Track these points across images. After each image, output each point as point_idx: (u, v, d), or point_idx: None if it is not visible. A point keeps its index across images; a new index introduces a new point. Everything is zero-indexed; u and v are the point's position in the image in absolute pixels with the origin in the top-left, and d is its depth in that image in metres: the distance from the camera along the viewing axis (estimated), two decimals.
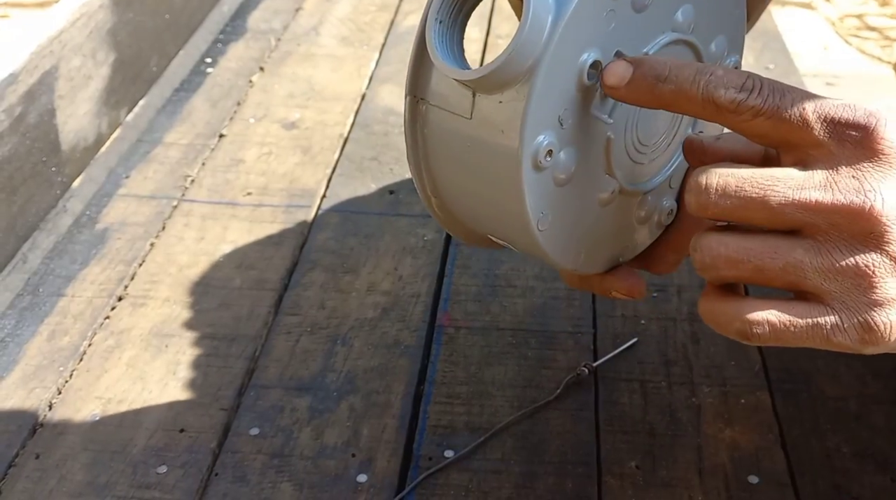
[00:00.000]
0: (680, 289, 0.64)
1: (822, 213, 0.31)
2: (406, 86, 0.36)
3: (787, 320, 0.32)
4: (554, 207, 0.35)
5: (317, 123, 0.84)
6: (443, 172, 0.37)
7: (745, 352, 0.58)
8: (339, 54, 0.97)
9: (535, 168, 0.33)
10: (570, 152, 0.34)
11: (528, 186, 0.34)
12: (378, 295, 0.64)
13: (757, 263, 0.32)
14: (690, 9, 0.36)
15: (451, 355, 0.58)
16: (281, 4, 1.08)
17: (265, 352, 0.59)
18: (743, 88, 0.31)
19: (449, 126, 0.35)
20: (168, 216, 0.72)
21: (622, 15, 0.34)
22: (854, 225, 0.31)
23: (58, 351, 0.58)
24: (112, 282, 0.64)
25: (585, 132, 0.35)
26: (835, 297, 0.31)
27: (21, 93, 0.65)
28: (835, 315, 0.31)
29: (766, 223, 0.32)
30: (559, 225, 0.36)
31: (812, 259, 0.31)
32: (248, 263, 0.67)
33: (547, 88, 0.32)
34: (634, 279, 0.39)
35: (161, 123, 0.84)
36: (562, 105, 0.33)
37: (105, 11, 0.77)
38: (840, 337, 0.31)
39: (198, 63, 0.94)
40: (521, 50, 0.31)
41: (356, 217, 0.72)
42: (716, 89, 0.32)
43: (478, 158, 0.35)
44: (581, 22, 0.32)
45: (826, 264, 0.31)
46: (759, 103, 0.31)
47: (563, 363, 0.57)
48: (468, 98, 0.34)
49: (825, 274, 0.31)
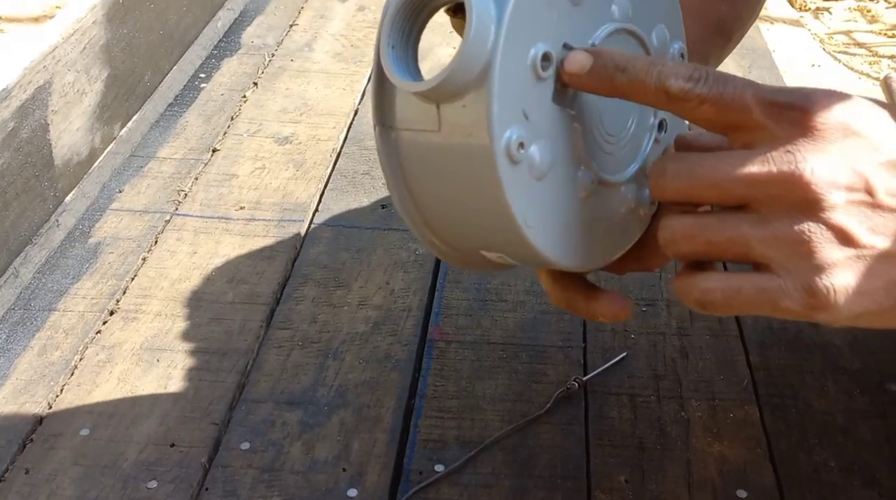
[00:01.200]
0: (669, 304, 0.64)
1: (760, 185, 0.33)
2: (373, 117, 0.37)
3: (736, 286, 0.34)
4: (537, 202, 0.36)
5: (310, 137, 0.85)
6: (425, 194, 0.38)
7: (734, 366, 0.59)
8: (332, 70, 0.97)
9: (511, 161, 0.35)
10: (542, 145, 0.36)
11: (506, 181, 0.35)
12: (370, 309, 0.64)
13: (707, 237, 0.34)
14: (625, 1, 0.38)
15: (442, 369, 0.59)
16: (275, 21, 1.08)
17: (256, 366, 0.59)
18: (691, 78, 0.34)
19: (421, 144, 0.36)
20: (161, 231, 0.72)
21: (561, 8, 0.35)
22: (790, 195, 0.32)
23: (49, 366, 0.59)
24: (104, 296, 0.65)
25: (553, 124, 0.36)
26: (779, 264, 0.33)
27: (14, 108, 0.65)
28: (780, 281, 0.33)
29: (717, 201, 0.34)
30: (546, 220, 0.37)
31: (755, 230, 0.33)
32: (241, 277, 0.67)
33: (504, 84, 0.34)
34: (620, 303, 0.40)
35: (154, 137, 0.84)
36: (523, 99, 0.35)
37: (99, 27, 0.78)
38: (787, 302, 0.33)
39: (192, 78, 0.94)
40: (471, 53, 0.33)
41: (348, 231, 0.72)
42: (667, 79, 0.34)
43: (455, 168, 0.36)
44: (523, 18, 0.34)
45: (768, 234, 0.33)
46: (705, 91, 0.33)
47: (554, 377, 0.58)
48: (433, 112, 0.35)
49: (768, 243, 0.33)
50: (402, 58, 0.35)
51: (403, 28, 0.35)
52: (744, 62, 0.98)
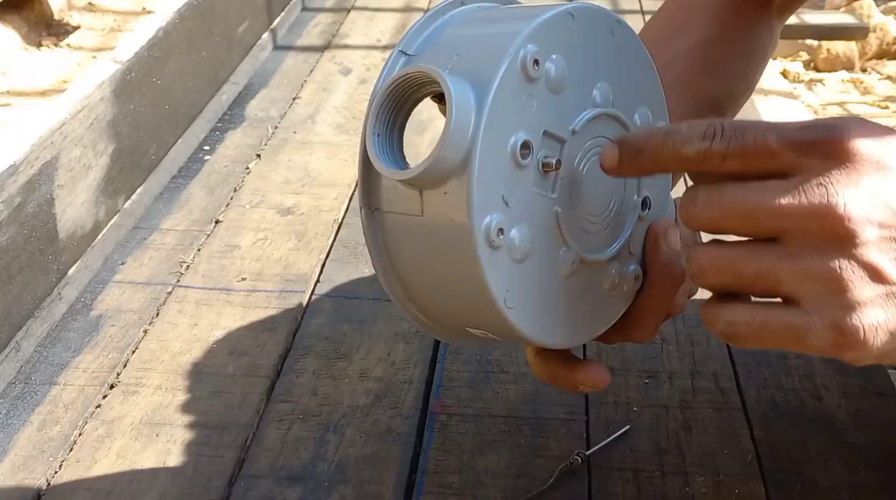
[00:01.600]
0: (671, 375, 0.64)
1: (792, 218, 0.32)
2: (359, 200, 0.38)
3: (762, 321, 0.33)
4: (517, 283, 0.37)
5: (312, 208, 0.86)
6: (410, 273, 0.39)
7: (738, 440, 0.58)
8: (335, 141, 0.99)
9: (490, 247, 0.35)
10: (522, 228, 0.37)
11: (486, 265, 0.35)
12: (370, 381, 0.64)
13: (735, 269, 0.34)
14: (606, 86, 0.39)
15: (444, 443, 0.58)
16: (278, 94, 1.11)
17: (257, 441, 0.58)
18: (705, 136, 0.33)
19: (405, 227, 0.37)
20: (162, 303, 0.72)
21: (541, 98, 0.36)
22: (822, 229, 0.32)
23: (48, 441, 0.58)
24: (104, 370, 0.65)
25: (533, 209, 0.37)
26: (809, 300, 0.32)
27: (21, 183, 0.66)
28: (808, 317, 0.32)
29: (747, 232, 0.34)
30: (527, 301, 0.37)
31: (784, 264, 0.32)
32: (242, 349, 0.67)
33: (484, 172, 0.35)
34: (599, 371, 0.40)
35: (158, 210, 0.85)
36: (503, 186, 0.36)
37: (106, 104, 0.79)
38: (813, 339, 0.32)
39: (196, 151, 0.96)
40: (451, 142, 0.34)
41: (350, 302, 0.73)
42: (682, 147, 0.34)
43: (437, 251, 0.37)
44: (503, 108, 0.35)
45: (797, 269, 0.32)
46: (724, 147, 0.33)
47: (556, 451, 0.57)
48: (416, 197, 0.36)
49: (798, 279, 0.32)
50: (387, 145, 0.36)
51: (388, 118, 0.36)
52: None
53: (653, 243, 0.41)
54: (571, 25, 0.37)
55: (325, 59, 1.21)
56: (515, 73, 0.35)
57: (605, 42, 0.39)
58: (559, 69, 0.37)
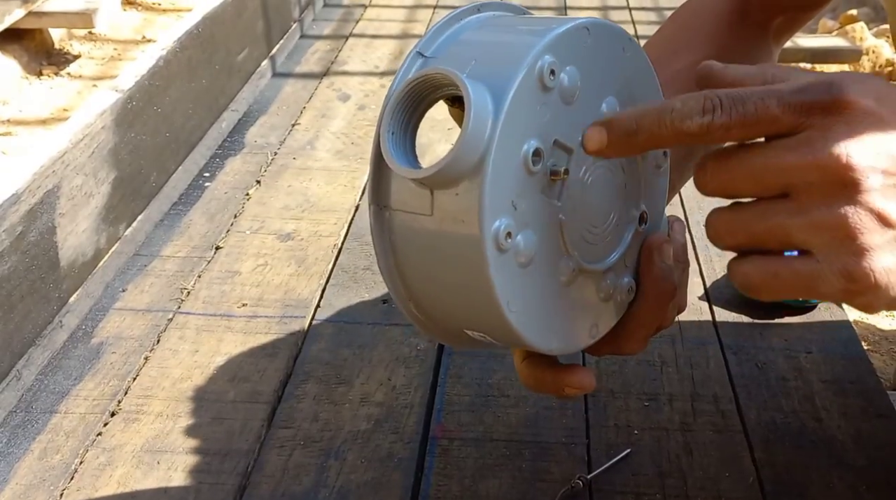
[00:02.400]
0: (671, 398, 0.64)
1: (796, 173, 0.33)
2: (368, 196, 0.39)
3: (775, 270, 0.34)
4: (520, 288, 0.37)
5: (311, 234, 0.86)
6: (414, 272, 0.39)
7: (739, 463, 0.58)
8: (334, 167, 1.00)
9: (498, 250, 0.36)
10: (528, 235, 0.37)
11: (493, 269, 0.36)
12: (371, 406, 0.64)
13: (748, 229, 0.34)
14: (614, 101, 0.40)
15: (445, 467, 0.58)
16: (278, 120, 1.12)
17: (258, 467, 0.58)
18: (705, 110, 0.34)
19: (413, 226, 0.38)
20: (163, 329, 0.72)
21: (554, 108, 0.37)
22: (827, 181, 0.33)
23: (49, 470, 0.58)
24: (105, 397, 0.65)
25: (539, 215, 0.38)
26: (819, 249, 0.33)
27: (23, 212, 0.67)
28: (818, 265, 0.33)
29: (756, 193, 0.35)
30: (528, 306, 0.38)
31: (793, 219, 0.33)
32: (243, 375, 0.67)
33: (497, 176, 0.35)
34: (585, 373, 0.41)
35: (159, 236, 0.85)
36: (513, 191, 0.36)
37: (108, 132, 0.80)
38: (824, 286, 0.33)
39: (196, 177, 0.97)
40: (467, 145, 0.35)
41: (350, 327, 0.73)
42: (682, 123, 0.34)
43: (444, 251, 0.37)
44: (518, 116, 0.36)
45: (806, 222, 0.33)
46: (726, 119, 0.34)
47: (558, 475, 0.57)
48: (427, 197, 0.37)
49: (807, 230, 0.33)
50: (401, 144, 0.37)
51: (403, 117, 0.37)
52: None
53: (647, 257, 0.42)
54: (587, 39, 0.38)
55: (323, 86, 1.22)
56: (532, 82, 0.36)
57: (617, 58, 0.40)
58: (573, 81, 0.37)
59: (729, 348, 0.69)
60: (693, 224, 0.85)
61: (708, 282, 0.77)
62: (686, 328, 0.71)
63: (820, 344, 0.70)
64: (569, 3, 1.64)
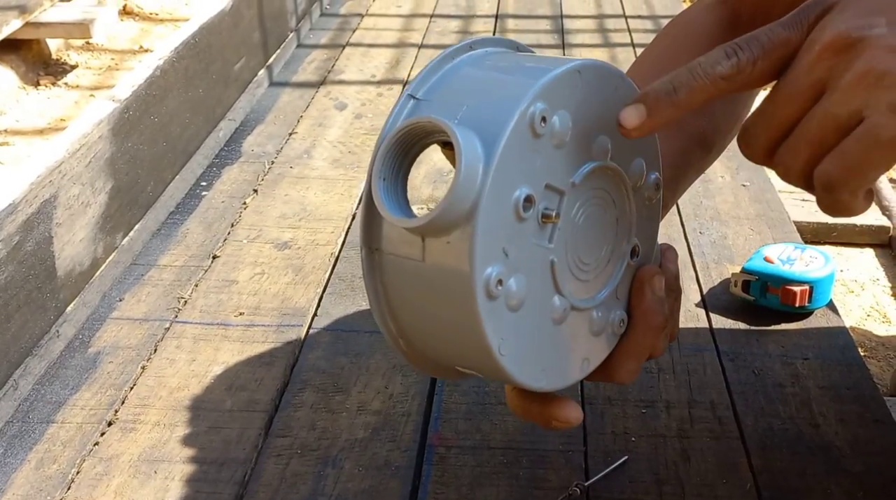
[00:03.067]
0: (668, 405, 0.64)
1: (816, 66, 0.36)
2: (360, 239, 0.39)
3: (840, 149, 0.35)
4: (511, 331, 0.37)
5: (308, 242, 0.86)
6: (404, 313, 0.39)
7: (736, 469, 0.58)
8: (331, 176, 1.00)
9: (489, 297, 0.36)
10: (519, 279, 0.37)
11: (484, 316, 0.36)
12: (369, 415, 0.64)
13: (806, 139, 0.36)
14: (606, 139, 0.40)
15: (443, 475, 0.58)
16: (275, 129, 1.12)
17: (255, 476, 0.58)
18: (728, 55, 0.37)
19: (404, 268, 0.38)
20: (160, 339, 0.72)
21: (545, 153, 0.37)
22: (838, 55, 0.35)
23: (46, 480, 0.58)
24: (102, 407, 0.65)
25: (530, 259, 0.38)
26: (865, 106, 0.35)
27: (20, 222, 0.67)
28: (872, 119, 0.35)
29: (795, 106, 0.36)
30: (519, 347, 0.38)
31: (831, 103, 0.35)
32: (240, 384, 0.67)
33: (487, 225, 0.35)
34: (572, 408, 0.42)
35: (156, 245, 0.85)
36: (504, 238, 0.36)
37: (105, 142, 0.80)
38: (887, 132, 0.34)
39: (193, 187, 0.97)
40: (459, 195, 0.34)
41: (347, 336, 0.73)
42: (714, 68, 0.37)
43: (435, 297, 0.37)
44: (509, 164, 0.36)
45: (840, 96, 0.35)
46: (750, 55, 0.37)
47: (555, 482, 0.57)
48: (419, 243, 0.37)
49: (845, 101, 0.35)
50: (393, 191, 0.37)
51: (394, 163, 0.37)
52: (731, 164, 1.00)
53: (638, 289, 0.43)
54: (578, 82, 0.38)
55: (320, 95, 1.23)
56: (523, 130, 0.36)
57: (609, 98, 0.40)
58: (563, 125, 0.37)
59: (726, 354, 0.69)
60: (690, 231, 0.86)
61: (705, 289, 0.78)
62: (683, 335, 0.71)
63: (817, 350, 0.70)
64: (564, 12, 1.64)
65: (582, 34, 1.54)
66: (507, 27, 1.56)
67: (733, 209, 0.91)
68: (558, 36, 1.52)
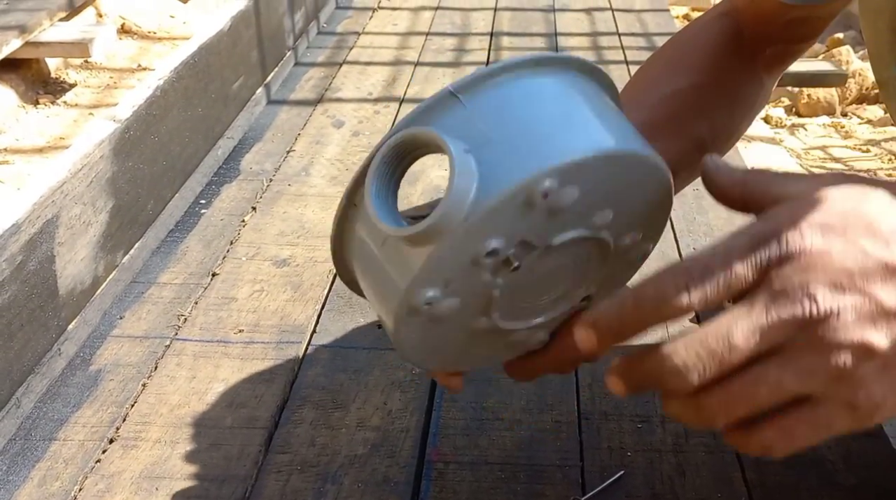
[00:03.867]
0: (663, 420, 0.65)
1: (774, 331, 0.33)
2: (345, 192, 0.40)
3: (790, 426, 0.35)
4: (422, 331, 0.40)
5: (307, 259, 0.87)
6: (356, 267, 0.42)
7: (731, 484, 0.59)
8: (329, 193, 1.01)
9: (411, 311, 0.38)
10: (452, 302, 0.38)
11: (401, 323, 0.38)
12: (368, 431, 0.64)
13: (745, 397, 0.34)
14: (609, 212, 0.38)
15: (441, 491, 0.59)
16: (273, 147, 1.13)
17: (255, 493, 0.59)
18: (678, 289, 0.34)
19: (365, 238, 0.40)
20: (160, 356, 0.73)
21: (535, 217, 0.36)
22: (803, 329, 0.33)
23: (48, 497, 0.58)
24: (104, 424, 0.65)
25: (471, 289, 0.38)
26: (819, 391, 0.34)
27: (23, 242, 0.67)
28: (824, 408, 0.34)
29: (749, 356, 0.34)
30: (424, 342, 0.40)
31: (785, 373, 0.34)
32: (240, 401, 0.68)
33: (442, 259, 0.36)
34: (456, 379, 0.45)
35: (156, 263, 0.86)
36: (451, 273, 0.37)
37: (106, 161, 0.81)
38: (839, 423, 0.34)
39: (192, 205, 0.98)
40: (434, 226, 0.35)
41: (346, 352, 0.74)
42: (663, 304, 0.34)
43: (375, 275, 0.40)
44: (492, 219, 0.35)
45: (798, 371, 0.34)
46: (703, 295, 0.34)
47: (553, 497, 0.58)
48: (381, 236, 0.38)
49: (802, 379, 0.34)
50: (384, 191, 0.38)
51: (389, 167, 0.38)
52: None
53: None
54: (602, 167, 0.36)
55: (317, 113, 1.24)
56: (521, 199, 0.35)
57: (632, 183, 0.38)
58: (567, 198, 0.36)
59: None
60: (683, 247, 0.87)
61: None
62: None
63: None
64: (559, 30, 1.66)
65: (576, 52, 1.56)
66: (502, 45, 1.58)
67: (727, 225, 0.92)
68: None
